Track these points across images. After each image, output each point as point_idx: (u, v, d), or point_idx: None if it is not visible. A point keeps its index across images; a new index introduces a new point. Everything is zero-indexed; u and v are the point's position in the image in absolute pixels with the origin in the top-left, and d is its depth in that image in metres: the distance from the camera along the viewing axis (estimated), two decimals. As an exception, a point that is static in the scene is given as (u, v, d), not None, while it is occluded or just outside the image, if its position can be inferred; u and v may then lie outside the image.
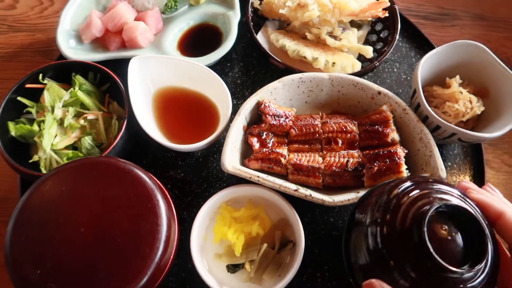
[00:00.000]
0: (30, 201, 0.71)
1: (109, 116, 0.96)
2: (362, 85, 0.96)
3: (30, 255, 0.67)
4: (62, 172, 0.73)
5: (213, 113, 1.00)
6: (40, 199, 0.71)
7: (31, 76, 0.95)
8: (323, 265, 0.90)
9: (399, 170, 0.85)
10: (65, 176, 0.73)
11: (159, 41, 1.07)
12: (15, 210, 0.71)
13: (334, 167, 0.88)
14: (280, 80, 0.94)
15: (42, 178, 0.73)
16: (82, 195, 0.71)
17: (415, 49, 1.19)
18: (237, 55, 1.15)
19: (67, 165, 0.74)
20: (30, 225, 0.69)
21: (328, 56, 1.03)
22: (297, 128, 0.93)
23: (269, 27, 1.15)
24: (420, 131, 0.90)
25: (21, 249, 0.68)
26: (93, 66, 0.97)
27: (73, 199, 0.71)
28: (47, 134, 0.90)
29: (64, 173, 0.73)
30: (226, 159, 0.85)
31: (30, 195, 0.72)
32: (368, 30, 1.16)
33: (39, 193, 0.71)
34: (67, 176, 0.73)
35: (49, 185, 0.72)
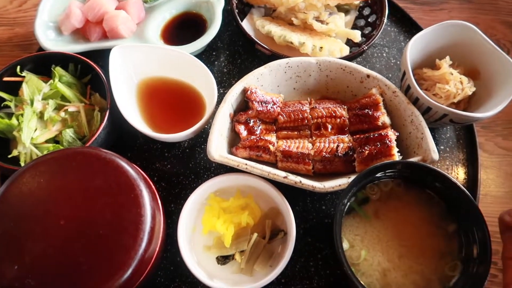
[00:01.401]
0: (7, 195, 0.68)
1: (91, 108, 0.93)
2: (350, 68, 0.93)
3: (6, 250, 0.64)
4: (40, 163, 0.70)
5: (198, 102, 0.97)
6: (18, 192, 0.68)
7: (9, 69, 0.92)
8: (316, 254, 0.88)
9: (390, 153, 0.83)
10: (43, 168, 0.70)
11: (141, 30, 1.04)
12: None
13: (324, 152, 0.86)
14: (267, 66, 0.92)
15: (20, 171, 0.70)
16: (62, 187, 0.68)
17: (404, 33, 1.17)
18: (223, 44, 1.12)
19: (46, 157, 0.71)
20: (6, 219, 0.66)
21: (316, 41, 1.00)
22: (285, 115, 0.91)
23: (255, 15, 1.13)
24: (411, 113, 0.88)
25: None
26: (73, 57, 0.94)
27: (52, 191, 0.68)
28: (26, 127, 0.86)
29: (43, 165, 0.70)
30: (213, 148, 0.83)
31: (7, 189, 0.68)
32: (356, 15, 1.14)
33: (16, 186, 0.68)
34: (45, 168, 0.70)
35: (27, 178, 0.69)
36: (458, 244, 0.76)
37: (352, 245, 0.77)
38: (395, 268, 0.75)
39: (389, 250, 0.76)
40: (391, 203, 0.80)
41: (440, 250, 0.76)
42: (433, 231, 0.77)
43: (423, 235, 0.77)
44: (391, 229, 0.78)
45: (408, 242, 0.76)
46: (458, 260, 0.75)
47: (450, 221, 0.78)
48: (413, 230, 0.78)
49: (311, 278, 0.86)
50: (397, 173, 0.79)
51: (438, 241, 0.76)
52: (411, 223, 0.78)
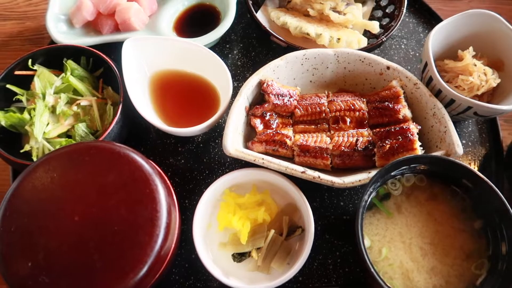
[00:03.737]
0: (20, 190, 0.66)
1: (104, 102, 0.91)
2: (369, 60, 0.90)
3: (20, 246, 0.62)
4: (53, 158, 0.68)
5: (212, 95, 0.94)
6: (31, 187, 0.66)
7: (20, 62, 0.90)
8: (334, 251, 0.85)
9: (412, 147, 0.80)
10: (56, 162, 0.68)
11: (154, 23, 1.02)
12: (4, 200, 0.66)
13: (343, 147, 0.83)
14: (283, 58, 0.89)
15: (32, 165, 0.68)
16: (75, 182, 0.66)
17: (423, 24, 1.13)
18: (237, 36, 1.10)
19: (59, 151, 0.69)
20: (20, 215, 0.64)
21: (333, 32, 0.97)
22: (302, 108, 0.88)
23: (269, 6, 1.10)
24: (433, 106, 0.85)
25: (11, 240, 0.63)
26: (85, 50, 0.92)
27: (65, 186, 0.66)
28: (38, 122, 0.85)
29: (56, 159, 0.68)
30: (228, 142, 0.80)
31: (20, 184, 0.67)
32: (373, 6, 1.11)
33: (29, 181, 0.66)
34: (59, 162, 0.68)
35: (40, 172, 0.67)
36: (485, 242, 0.73)
37: (372, 242, 0.74)
38: (418, 266, 0.72)
39: (411, 247, 0.73)
40: (413, 199, 0.77)
41: (466, 248, 0.73)
42: (458, 228, 0.74)
43: (447, 232, 0.74)
44: (414, 226, 0.75)
45: (431, 240, 0.74)
46: (485, 258, 0.72)
47: (475, 217, 0.74)
48: (437, 227, 0.75)
49: (329, 276, 0.83)
50: (419, 168, 0.76)
51: (464, 238, 0.73)
52: (435, 219, 0.75)
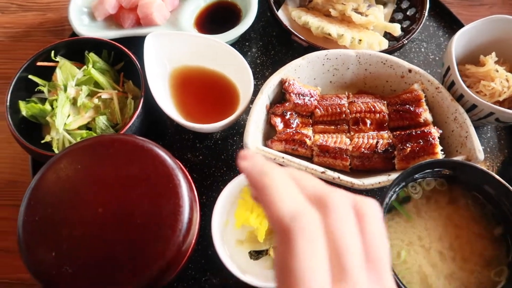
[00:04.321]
0: (44, 181, 0.66)
1: (124, 96, 0.92)
2: (391, 62, 0.90)
3: (44, 236, 0.63)
4: (77, 150, 0.69)
5: (232, 93, 0.95)
6: (54, 178, 0.66)
7: (42, 53, 0.91)
8: (350, 253, 0.85)
9: (433, 151, 0.80)
10: (80, 154, 0.68)
11: (175, 18, 1.02)
12: (28, 190, 0.66)
13: (363, 148, 0.83)
14: (305, 57, 0.89)
15: (56, 156, 0.68)
16: (99, 174, 0.66)
17: (443, 28, 1.12)
18: (256, 34, 1.10)
19: (82, 143, 0.70)
20: (44, 205, 0.64)
21: (354, 33, 0.97)
22: (323, 108, 0.88)
23: (289, 5, 1.10)
24: (455, 110, 0.84)
25: (35, 230, 0.63)
26: (107, 43, 0.92)
27: (89, 178, 0.66)
28: (60, 113, 0.85)
29: (79, 151, 0.69)
30: (250, 140, 0.80)
31: (44, 174, 0.67)
32: (394, 8, 1.11)
33: (53, 172, 0.67)
34: (82, 154, 0.68)
35: (64, 164, 0.67)
36: (505, 248, 0.72)
37: (391, 245, 0.74)
38: (437, 272, 0.71)
39: (431, 252, 0.73)
40: (433, 203, 0.77)
41: (485, 254, 0.72)
42: (478, 234, 0.74)
43: (467, 237, 0.74)
44: (433, 230, 0.75)
45: (451, 245, 0.73)
46: (505, 265, 0.71)
47: (496, 223, 0.74)
48: (456, 232, 0.75)
49: (345, 277, 0.83)
50: (440, 172, 0.76)
51: (484, 244, 0.73)
52: (454, 224, 0.75)
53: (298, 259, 0.30)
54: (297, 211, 0.32)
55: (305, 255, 0.31)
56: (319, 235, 0.32)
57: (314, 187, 0.36)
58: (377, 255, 0.34)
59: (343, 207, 0.34)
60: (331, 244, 0.32)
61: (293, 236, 0.31)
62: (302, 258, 0.30)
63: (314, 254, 0.31)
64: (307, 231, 0.31)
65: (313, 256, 0.31)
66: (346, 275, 0.31)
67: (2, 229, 0.89)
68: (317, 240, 0.32)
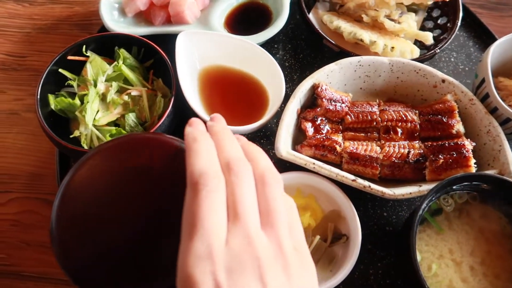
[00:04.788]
0: (78, 176, 0.66)
1: (153, 94, 0.91)
2: (425, 71, 0.89)
3: (78, 232, 0.62)
4: (113, 147, 0.68)
5: (261, 95, 0.94)
6: (89, 174, 0.65)
7: (73, 47, 0.90)
8: (376, 262, 0.84)
9: (467, 164, 0.79)
10: (115, 152, 0.67)
11: (205, 17, 1.02)
12: (62, 185, 0.65)
13: (394, 158, 0.82)
14: (338, 63, 0.88)
15: (91, 153, 0.67)
16: (135, 173, 0.66)
17: (474, 39, 1.11)
18: (285, 37, 1.09)
19: (118, 140, 0.69)
20: (78, 201, 0.64)
21: (386, 40, 0.96)
22: (354, 115, 0.87)
23: (320, 9, 1.09)
24: (489, 123, 0.83)
25: (68, 225, 0.62)
26: (138, 40, 0.92)
27: (124, 176, 0.65)
28: (90, 108, 0.85)
29: (114, 149, 0.68)
30: (281, 144, 0.80)
31: (77, 171, 0.66)
32: (424, 16, 1.09)
33: (88, 168, 0.66)
34: (117, 152, 0.67)
35: (98, 160, 0.66)
36: (538, 266, 0.72)
37: (422, 258, 0.73)
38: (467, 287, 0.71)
39: (462, 266, 0.72)
40: (465, 216, 0.76)
41: (517, 271, 0.72)
42: (509, 250, 0.73)
43: (499, 253, 0.73)
44: (465, 244, 0.74)
45: (482, 260, 0.72)
46: (537, 283, 0.70)
47: (528, 240, 0.73)
48: (488, 247, 0.74)
49: (370, 286, 0.83)
50: (473, 186, 0.75)
51: (516, 261, 0.72)
52: (486, 239, 0.74)
53: (200, 203, 0.38)
54: (206, 170, 0.40)
55: (205, 200, 0.38)
56: (220, 188, 0.40)
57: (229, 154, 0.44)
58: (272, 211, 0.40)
59: (245, 172, 0.42)
60: (230, 197, 0.40)
61: (198, 187, 0.39)
62: (203, 203, 0.38)
63: (213, 201, 0.38)
64: (210, 184, 0.39)
65: (212, 202, 0.38)
66: (239, 218, 0.38)
67: (26, 222, 0.88)
68: (217, 192, 0.39)
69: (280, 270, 0.38)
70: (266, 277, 0.36)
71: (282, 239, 0.39)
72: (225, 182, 0.41)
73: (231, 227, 0.38)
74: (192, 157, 0.42)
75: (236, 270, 0.36)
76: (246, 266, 0.36)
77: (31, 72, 1.05)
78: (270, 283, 0.36)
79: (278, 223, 0.40)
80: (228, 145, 0.45)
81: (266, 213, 0.40)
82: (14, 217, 0.89)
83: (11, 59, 1.08)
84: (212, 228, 0.37)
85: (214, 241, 0.37)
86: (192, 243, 0.37)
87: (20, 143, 0.97)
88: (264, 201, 0.41)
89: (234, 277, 0.36)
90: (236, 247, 0.37)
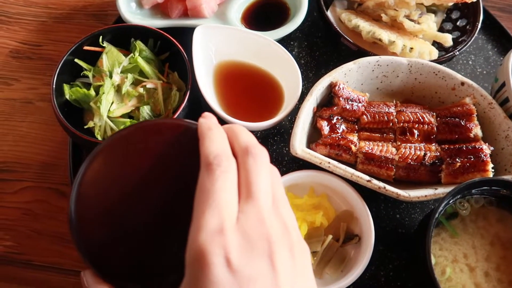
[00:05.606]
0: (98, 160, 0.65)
1: (168, 87, 0.91)
2: (444, 73, 0.88)
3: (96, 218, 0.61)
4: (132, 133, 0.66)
5: (277, 92, 0.93)
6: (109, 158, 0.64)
7: (89, 38, 0.90)
8: (387, 264, 0.84)
9: (484, 168, 0.78)
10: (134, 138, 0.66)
11: (222, 11, 1.01)
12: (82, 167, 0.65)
13: (410, 159, 0.81)
14: (356, 62, 0.87)
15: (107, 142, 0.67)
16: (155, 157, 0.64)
17: (492, 42, 1.10)
18: (301, 34, 1.08)
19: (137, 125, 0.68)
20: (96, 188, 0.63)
21: (405, 40, 0.95)
22: (370, 115, 0.86)
23: (337, 7, 1.08)
24: (508, 128, 0.82)
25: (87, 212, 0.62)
26: (155, 32, 0.91)
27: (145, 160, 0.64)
28: (105, 100, 0.84)
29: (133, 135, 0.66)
30: (297, 142, 0.79)
31: (97, 155, 0.65)
32: (443, 18, 1.08)
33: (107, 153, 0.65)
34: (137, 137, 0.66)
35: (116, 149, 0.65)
36: (555, 274, 0.71)
37: (436, 262, 0.73)
38: (482, 291, 0.70)
39: (476, 272, 0.71)
40: (481, 221, 0.75)
41: (533, 278, 0.71)
42: (526, 257, 0.72)
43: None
44: (480, 249, 0.73)
45: (497, 265, 0.71)
46: (554, 291, 0.70)
47: (544, 247, 0.72)
48: (504, 252, 0.73)
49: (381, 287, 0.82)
50: (492, 191, 0.74)
51: (532, 268, 0.71)
52: (501, 244, 0.73)
53: (213, 182, 0.39)
54: (220, 152, 0.41)
55: (218, 179, 0.39)
56: (232, 169, 0.41)
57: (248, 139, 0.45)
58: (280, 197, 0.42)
59: (263, 156, 0.43)
60: (243, 178, 0.41)
61: (212, 167, 0.40)
62: (216, 182, 0.39)
63: (226, 180, 0.39)
64: (223, 165, 0.40)
65: (225, 181, 0.39)
66: (253, 197, 0.39)
67: (38, 212, 0.88)
68: (230, 173, 0.40)
69: (287, 250, 0.39)
70: (275, 256, 0.37)
71: (287, 220, 0.41)
72: (241, 165, 0.42)
73: (243, 205, 0.39)
74: (206, 142, 0.44)
75: (246, 248, 0.37)
76: (256, 244, 0.37)
77: (46, 61, 1.05)
78: (278, 262, 0.37)
79: (285, 206, 0.43)
80: (244, 133, 0.47)
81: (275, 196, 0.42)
82: (26, 206, 0.89)
83: (26, 47, 1.08)
84: (224, 204, 0.38)
85: (226, 217, 0.37)
86: (204, 217, 0.37)
87: (33, 132, 0.97)
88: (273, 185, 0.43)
89: (245, 255, 0.36)
90: (247, 225, 0.38)
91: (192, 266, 0.37)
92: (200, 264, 0.36)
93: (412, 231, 0.86)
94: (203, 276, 0.35)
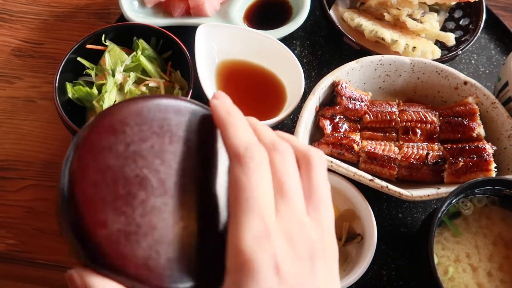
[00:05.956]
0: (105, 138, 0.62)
1: (171, 86, 0.91)
2: (447, 73, 0.88)
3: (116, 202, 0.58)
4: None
5: (279, 91, 0.93)
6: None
7: (92, 36, 0.90)
8: (390, 263, 0.84)
9: (487, 168, 0.78)
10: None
11: (225, 10, 1.01)
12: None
13: (412, 159, 0.81)
14: (359, 61, 0.87)
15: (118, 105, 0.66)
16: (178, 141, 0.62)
17: (495, 41, 1.10)
18: (304, 33, 1.08)
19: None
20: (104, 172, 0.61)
21: (408, 39, 0.95)
22: (372, 114, 0.86)
23: (340, 6, 1.08)
24: (510, 127, 0.82)
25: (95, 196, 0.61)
26: (158, 30, 0.91)
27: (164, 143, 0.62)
28: (107, 98, 0.84)
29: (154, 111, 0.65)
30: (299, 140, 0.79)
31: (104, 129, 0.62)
32: (446, 17, 1.08)
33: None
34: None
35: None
36: (558, 274, 0.71)
37: (439, 262, 0.73)
38: (484, 291, 0.70)
39: (479, 272, 0.71)
40: (484, 220, 0.75)
41: (536, 278, 0.71)
42: (528, 257, 0.72)
43: (517, 259, 0.72)
44: (483, 249, 0.73)
45: (500, 266, 0.71)
46: (556, 291, 0.70)
47: (548, 247, 0.72)
48: (506, 252, 0.73)
49: (383, 287, 0.82)
50: (495, 190, 0.74)
51: (535, 268, 0.71)
52: (504, 244, 0.73)
53: (250, 177, 0.36)
54: (251, 143, 0.38)
55: (254, 174, 0.36)
56: (266, 162, 0.38)
57: (270, 134, 0.43)
58: (316, 194, 0.40)
59: (289, 152, 0.41)
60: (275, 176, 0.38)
61: (245, 160, 0.37)
62: (252, 177, 0.36)
63: (263, 174, 0.37)
64: (257, 157, 0.37)
65: (262, 176, 0.37)
66: (286, 195, 0.38)
67: (40, 210, 0.89)
68: (264, 165, 0.38)
69: (322, 253, 0.38)
70: (315, 261, 0.36)
71: (324, 222, 0.39)
72: (269, 159, 0.39)
73: (280, 205, 0.37)
74: (230, 129, 0.40)
75: (292, 253, 0.35)
76: (300, 249, 0.36)
77: (48, 60, 1.05)
78: (317, 266, 0.36)
79: (322, 207, 0.40)
80: (265, 127, 0.44)
81: (309, 195, 0.39)
82: (28, 204, 0.89)
83: (28, 45, 1.08)
84: (264, 204, 0.36)
85: (268, 219, 0.35)
86: (245, 219, 0.35)
87: (36, 130, 0.97)
88: (307, 182, 0.40)
89: (292, 261, 0.35)
90: (289, 228, 0.36)
91: (239, 273, 0.35)
92: (249, 271, 0.34)
93: (415, 230, 0.86)
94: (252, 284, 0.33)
